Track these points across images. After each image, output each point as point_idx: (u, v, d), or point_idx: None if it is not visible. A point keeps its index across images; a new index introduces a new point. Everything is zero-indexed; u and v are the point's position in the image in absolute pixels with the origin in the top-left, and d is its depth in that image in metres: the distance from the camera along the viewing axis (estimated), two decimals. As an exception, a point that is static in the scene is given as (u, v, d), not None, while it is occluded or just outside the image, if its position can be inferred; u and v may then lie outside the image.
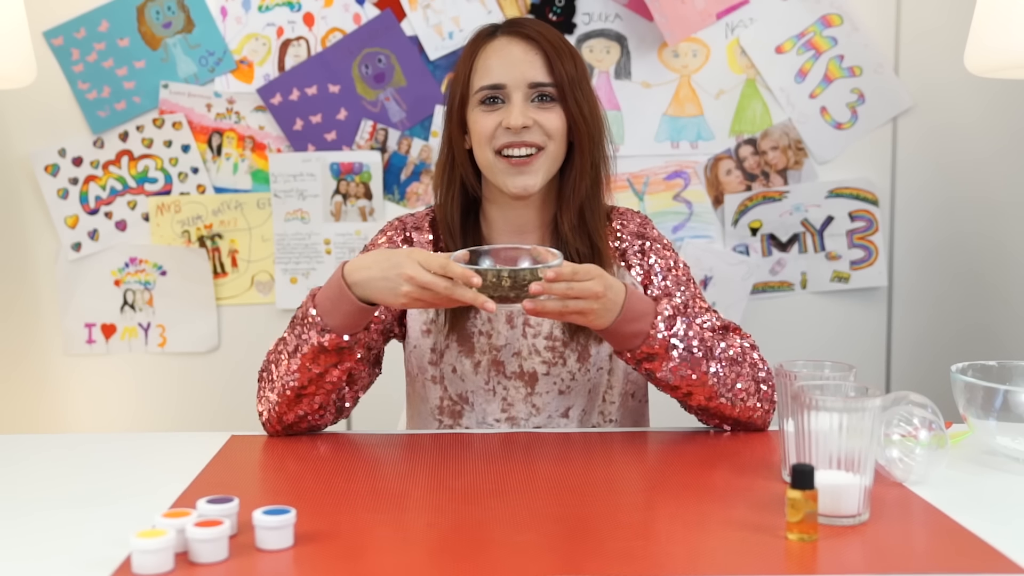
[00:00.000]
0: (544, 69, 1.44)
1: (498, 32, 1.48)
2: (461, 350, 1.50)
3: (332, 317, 1.34)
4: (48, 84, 2.32)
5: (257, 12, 2.35)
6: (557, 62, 1.44)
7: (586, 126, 1.46)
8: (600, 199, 1.52)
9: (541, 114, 1.44)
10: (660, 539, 1.06)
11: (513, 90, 1.44)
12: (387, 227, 1.57)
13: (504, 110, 1.44)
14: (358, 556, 1.01)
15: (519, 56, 1.44)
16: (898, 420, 1.21)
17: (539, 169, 1.45)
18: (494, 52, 1.46)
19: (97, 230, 2.38)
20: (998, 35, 1.80)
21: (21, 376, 2.41)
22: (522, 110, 1.43)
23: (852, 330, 2.41)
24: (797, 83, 2.37)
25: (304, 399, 1.40)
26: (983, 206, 2.39)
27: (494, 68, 1.45)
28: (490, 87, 1.44)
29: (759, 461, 1.31)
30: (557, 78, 1.44)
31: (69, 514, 1.14)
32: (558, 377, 1.50)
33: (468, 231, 1.51)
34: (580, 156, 1.47)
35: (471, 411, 1.51)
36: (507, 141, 1.43)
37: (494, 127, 1.44)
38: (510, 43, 1.46)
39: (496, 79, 1.44)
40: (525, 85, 1.44)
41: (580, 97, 1.46)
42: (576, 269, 1.27)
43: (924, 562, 0.99)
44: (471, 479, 1.25)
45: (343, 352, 1.37)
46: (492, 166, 1.45)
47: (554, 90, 1.45)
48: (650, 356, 1.36)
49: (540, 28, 1.47)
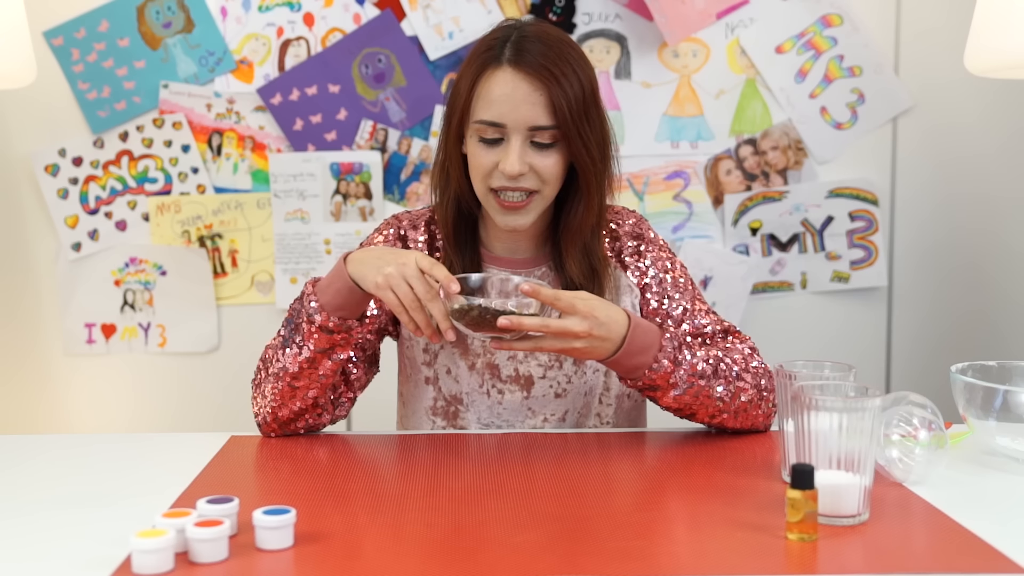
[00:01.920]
0: (547, 111, 1.38)
1: (504, 57, 1.40)
2: (456, 352, 1.50)
3: (324, 295, 1.35)
4: (48, 84, 2.32)
5: (257, 12, 2.35)
6: (561, 99, 1.38)
7: (591, 163, 1.42)
8: (602, 224, 1.49)
9: (538, 159, 1.40)
10: (660, 539, 1.06)
11: (512, 132, 1.39)
12: (383, 225, 1.57)
13: (502, 150, 1.39)
14: (357, 556, 1.01)
15: (523, 96, 1.38)
16: (898, 420, 1.21)
17: (532, 211, 1.43)
18: (498, 85, 1.39)
19: (97, 230, 2.38)
20: (998, 35, 1.80)
21: (21, 376, 2.41)
22: (519, 156, 1.38)
23: (852, 330, 2.41)
24: (797, 83, 2.37)
25: (298, 391, 1.40)
26: (983, 206, 2.39)
27: (496, 104, 1.39)
28: (489, 124, 1.39)
29: (759, 461, 1.31)
30: (559, 119, 1.38)
31: (69, 514, 1.14)
32: (554, 380, 1.50)
33: (467, 234, 1.51)
34: (587, 194, 1.44)
35: (465, 412, 1.51)
36: (501, 185, 1.40)
37: (491, 167, 1.40)
38: (516, 80, 1.38)
39: (496, 117, 1.39)
40: (525, 128, 1.39)
41: (587, 130, 1.40)
42: (557, 296, 1.25)
43: (924, 562, 0.99)
44: (470, 479, 1.25)
45: (333, 338, 1.36)
46: (485, 199, 1.44)
47: (555, 132, 1.39)
48: (653, 387, 1.36)
49: (550, 58, 1.39)
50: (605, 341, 1.29)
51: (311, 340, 1.36)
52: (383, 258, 1.31)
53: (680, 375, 1.35)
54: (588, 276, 1.47)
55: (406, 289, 1.28)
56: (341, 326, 1.35)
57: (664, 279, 1.51)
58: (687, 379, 1.35)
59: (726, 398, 1.39)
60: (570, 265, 1.46)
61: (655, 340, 1.33)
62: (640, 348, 1.32)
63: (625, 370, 1.34)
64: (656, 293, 1.51)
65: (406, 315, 1.30)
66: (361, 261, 1.33)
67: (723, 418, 1.41)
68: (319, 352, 1.37)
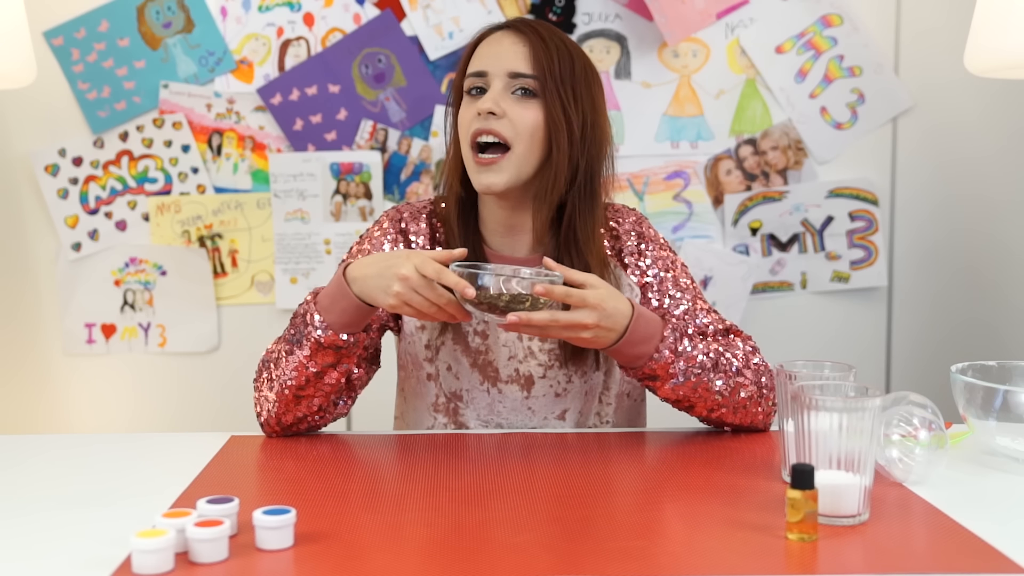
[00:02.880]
0: (528, 60, 1.42)
1: (495, 29, 1.48)
2: (457, 348, 1.50)
3: (330, 314, 1.35)
4: (48, 84, 2.32)
5: (257, 12, 2.35)
6: (543, 54, 1.42)
7: (566, 126, 1.42)
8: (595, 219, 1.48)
9: (515, 106, 1.41)
10: (660, 539, 1.06)
11: (493, 78, 1.42)
12: (383, 217, 1.56)
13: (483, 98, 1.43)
14: (358, 556, 1.01)
15: (507, 46, 1.43)
16: (898, 420, 1.21)
17: (504, 169, 1.41)
18: (486, 44, 1.46)
19: (97, 230, 2.38)
20: (998, 35, 1.80)
21: (21, 376, 2.41)
22: (495, 96, 1.41)
23: (852, 330, 2.41)
24: (797, 83, 2.37)
25: (303, 400, 1.41)
26: (983, 206, 2.39)
27: (480, 57, 1.45)
28: (474, 74, 1.44)
29: (759, 461, 1.31)
30: (538, 70, 1.41)
31: (69, 514, 1.14)
32: (554, 380, 1.50)
33: (467, 227, 1.51)
34: (557, 155, 1.42)
35: (465, 409, 1.51)
36: (476, 128, 1.41)
37: (472, 116, 1.42)
38: (502, 35, 1.45)
39: (479, 66, 1.44)
40: (505, 74, 1.42)
41: (568, 97, 1.42)
42: (569, 293, 1.26)
43: (924, 562, 0.99)
44: (470, 479, 1.25)
45: (341, 352, 1.37)
46: (468, 161, 1.44)
47: (534, 83, 1.41)
48: (652, 376, 1.36)
49: (539, 26, 1.46)
50: (610, 331, 1.30)
51: (318, 356, 1.36)
52: (384, 275, 1.29)
53: (680, 366, 1.35)
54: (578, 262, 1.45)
55: (420, 300, 1.28)
56: (350, 341, 1.36)
57: (665, 278, 1.51)
58: (686, 370, 1.36)
59: (725, 392, 1.39)
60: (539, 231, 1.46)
61: (657, 330, 1.34)
62: (642, 338, 1.33)
63: (626, 359, 1.35)
64: (657, 292, 1.50)
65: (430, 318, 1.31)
66: (364, 279, 1.32)
67: (721, 412, 1.41)
68: (327, 366, 1.38)
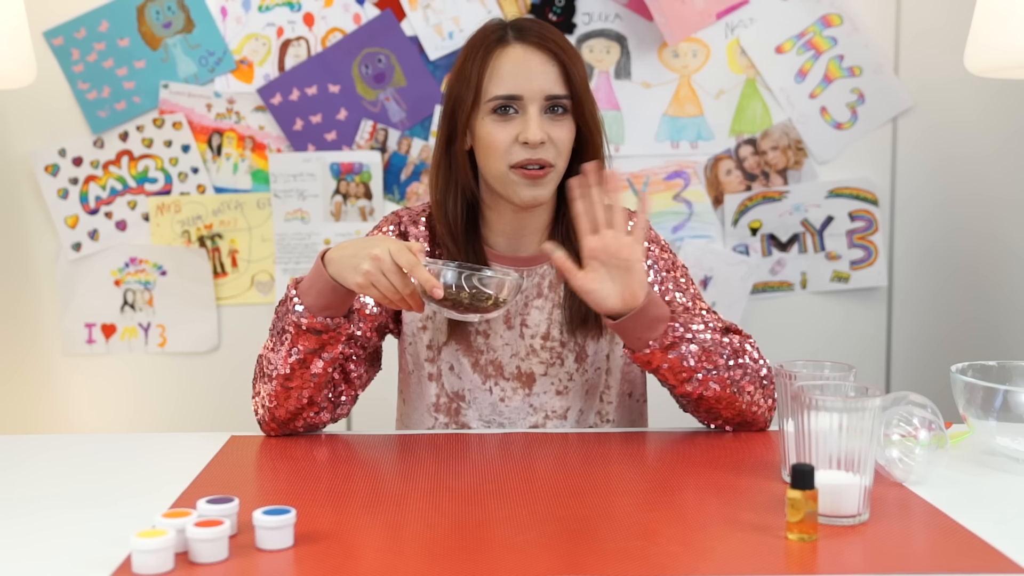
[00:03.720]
0: (560, 80, 1.43)
1: (509, 37, 1.45)
2: (459, 348, 1.51)
3: (308, 297, 1.36)
4: (48, 84, 2.32)
5: (257, 12, 2.35)
6: (573, 71, 1.43)
7: (592, 136, 1.47)
8: None
9: (554, 129, 1.43)
10: (660, 539, 1.06)
11: (529, 102, 1.42)
12: (383, 221, 1.57)
13: (519, 122, 1.42)
14: (358, 556, 1.01)
15: (537, 67, 1.42)
16: (898, 420, 1.21)
17: (549, 183, 1.45)
18: (510, 60, 1.43)
19: (97, 230, 2.38)
20: (998, 35, 1.80)
21: (21, 376, 2.41)
22: (539, 124, 1.41)
23: (852, 330, 2.41)
24: (797, 83, 2.37)
25: (292, 392, 1.40)
26: (983, 206, 2.39)
27: (510, 78, 1.42)
28: (506, 97, 1.42)
29: (759, 461, 1.31)
30: (572, 89, 1.44)
31: (69, 514, 1.14)
32: (556, 378, 1.51)
33: (468, 233, 1.51)
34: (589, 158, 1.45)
35: (467, 409, 1.51)
36: (524, 158, 1.42)
37: (509, 140, 1.42)
38: (527, 53, 1.43)
39: (513, 90, 1.42)
40: (542, 97, 1.42)
41: (590, 105, 1.46)
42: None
43: (924, 562, 0.99)
44: (471, 479, 1.25)
45: (322, 337, 1.36)
46: (504, 177, 1.44)
47: (568, 102, 1.44)
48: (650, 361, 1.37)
49: (551, 35, 1.45)
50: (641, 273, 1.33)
51: (300, 342, 1.37)
52: (358, 255, 1.30)
53: (683, 351, 1.36)
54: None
55: (387, 284, 1.29)
56: (329, 325, 1.36)
57: (666, 278, 1.52)
58: (691, 359, 1.36)
59: (726, 385, 1.39)
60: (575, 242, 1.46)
61: (665, 315, 1.36)
62: (653, 319, 1.34)
63: (632, 340, 1.35)
64: (658, 290, 1.51)
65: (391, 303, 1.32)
66: (339, 260, 1.33)
67: (721, 408, 1.41)
68: (309, 352, 1.38)
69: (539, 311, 1.51)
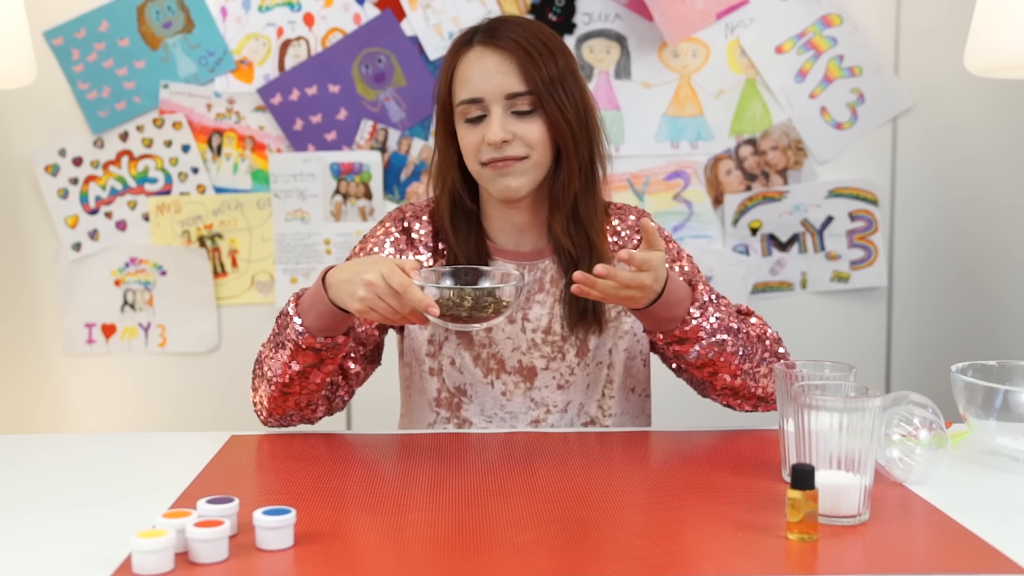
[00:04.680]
0: (519, 78, 1.43)
1: (473, 40, 1.46)
2: (460, 342, 1.51)
3: (308, 317, 1.36)
4: (48, 84, 2.32)
5: (257, 12, 2.35)
6: (531, 68, 1.42)
7: (569, 129, 1.45)
8: (596, 196, 1.51)
9: (520, 126, 1.43)
10: (660, 539, 1.06)
11: (491, 103, 1.43)
12: (386, 217, 1.58)
13: (485, 124, 1.44)
14: (358, 556, 1.01)
15: (493, 67, 1.43)
16: (898, 420, 1.21)
17: (523, 173, 1.45)
18: (470, 64, 1.45)
19: (97, 230, 2.38)
20: (998, 35, 1.80)
21: (21, 376, 2.41)
22: (501, 124, 1.42)
23: (852, 330, 2.41)
24: (797, 83, 2.37)
25: (291, 397, 1.42)
26: (983, 206, 2.39)
27: (471, 81, 1.44)
28: (469, 101, 1.44)
29: (759, 461, 1.31)
30: (532, 85, 1.43)
31: (69, 514, 1.14)
32: (557, 372, 1.51)
33: (471, 228, 1.52)
34: (567, 158, 1.46)
35: (469, 403, 1.51)
36: (490, 156, 1.44)
37: (478, 143, 1.44)
38: (484, 53, 1.44)
39: (473, 93, 1.44)
40: (502, 97, 1.43)
41: (562, 98, 1.44)
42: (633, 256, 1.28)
43: (924, 562, 0.99)
44: (471, 479, 1.25)
45: (321, 354, 1.37)
46: (480, 175, 1.47)
47: (531, 98, 1.43)
48: (681, 340, 1.39)
49: (515, 32, 1.45)
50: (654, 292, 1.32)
51: (298, 357, 1.38)
52: (353, 281, 1.30)
53: (707, 328, 1.38)
54: (584, 248, 1.49)
55: (384, 306, 1.28)
56: (328, 344, 1.37)
57: (672, 266, 1.54)
58: (713, 333, 1.39)
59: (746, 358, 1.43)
60: (559, 234, 1.49)
61: (687, 294, 1.38)
62: (675, 301, 1.36)
63: (659, 320, 1.37)
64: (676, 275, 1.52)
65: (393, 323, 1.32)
66: (337, 285, 1.33)
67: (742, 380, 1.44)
68: (308, 367, 1.39)
69: (540, 305, 1.51)
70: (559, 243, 1.50)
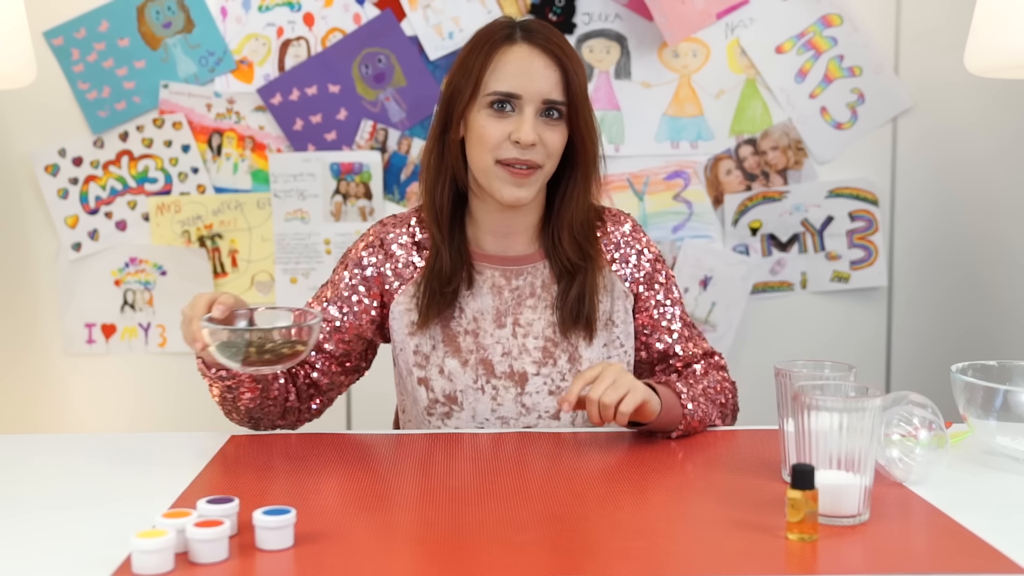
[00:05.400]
0: (560, 86, 1.45)
1: (516, 36, 1.46)
2: (447, 351, 1.50)
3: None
4: (48, 84, 2.32)
5: (257, 12, 2.35)
6: (573, 79, 1.45)
7: (585, 144, 1.48)
8: (591, 205, 1.55)
9: (547, 132, 1.45)
10: (660, 539, 1.06)
11: (527, 103, 1.44)
12: (367, 233, 1.58)
13: (513, 121, 1.44)
14: (358, 556, 1.01)
15: (539, 70, 1.44)
16: (898, 420, 1.21)
17: (534, 183, 1.47)
18: (514, 59, 1.45)
19: (97, 230, 2.38)
20: (998, 35, 1.80)
21: (21, 376, 2.41)
22: (533, 125, 1.43)
23: (852, 330, 2.41)
24: (797, 83, 2.37)
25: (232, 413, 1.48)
26: (983, 206, 2.39)
27: (512, 76, 1.44)
28: (505, 94, 1.44)
29: (759, 461, 1.31)
30: (568, 96, 1.45)
31: (69, 514, 1.14)
32: (548, 378, 1.50)
33: (455, 229, 1.52)
34: (581, 171, 1.50)
35: (460, 411, 1.51)
36: (513, 157, 1.44)
37: (501, 137, 1.44)
38: (532, 54, 1.45)
39: (513, 88, 1.44)
40: (540, 100, 1.44)
41: (586, 113, 1.48)
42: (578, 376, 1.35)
43: (924, 562, 0.99)
44: (470, 479, 1.25)
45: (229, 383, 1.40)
46: (489, 171, 1.46)
47: (564, 108, 1.46)
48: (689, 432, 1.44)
49: (556, 39, 1.47)
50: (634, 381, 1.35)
51: (214, 386, 1.42)
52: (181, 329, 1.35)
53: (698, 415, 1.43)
54: (581, 258, 1.51)
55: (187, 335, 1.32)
56: (224, 376, 1.39)
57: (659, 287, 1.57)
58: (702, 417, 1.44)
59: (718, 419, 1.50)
60: (565, 248, 1.51)
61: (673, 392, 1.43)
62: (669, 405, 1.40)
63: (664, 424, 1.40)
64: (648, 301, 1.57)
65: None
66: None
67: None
68: (226, 394, 1.42)
69: (531, 310, 1.51)
70: (555, 250, 1.51)
